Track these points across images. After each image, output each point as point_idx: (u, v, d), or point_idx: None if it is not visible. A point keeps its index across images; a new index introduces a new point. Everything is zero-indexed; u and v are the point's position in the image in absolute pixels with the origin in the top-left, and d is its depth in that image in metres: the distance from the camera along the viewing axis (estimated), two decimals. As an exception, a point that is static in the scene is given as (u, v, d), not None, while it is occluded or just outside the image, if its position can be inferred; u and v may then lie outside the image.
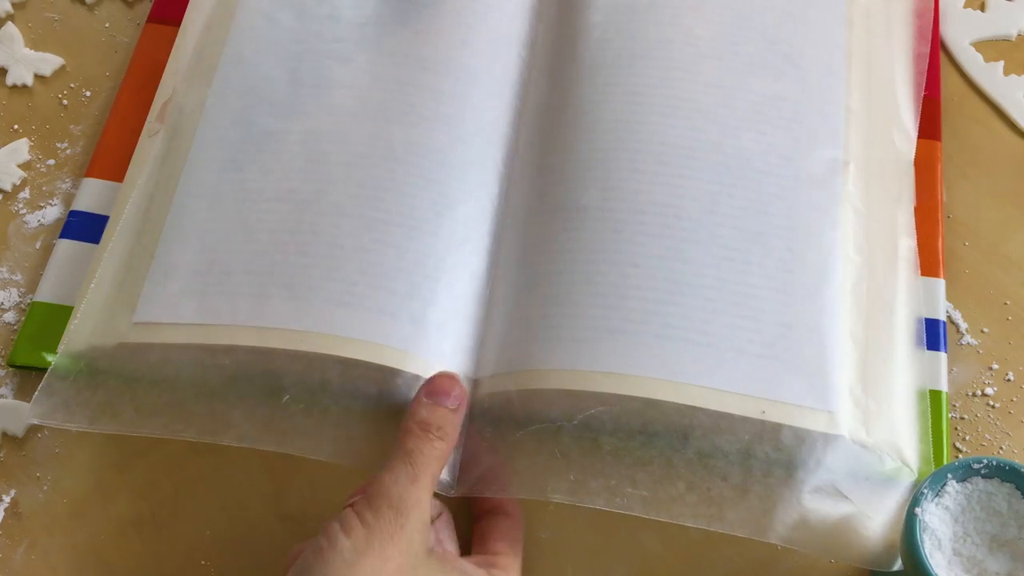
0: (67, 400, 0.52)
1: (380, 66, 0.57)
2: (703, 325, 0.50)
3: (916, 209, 0.56)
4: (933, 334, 0.54)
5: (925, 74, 0.60)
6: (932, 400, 0.52)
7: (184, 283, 0.52)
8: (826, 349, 0.50)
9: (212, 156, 0.56)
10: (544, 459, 0.50)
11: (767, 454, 0.49)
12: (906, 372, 0.52)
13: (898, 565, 0.48)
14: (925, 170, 0.58)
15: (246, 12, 0.60)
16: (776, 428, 0.49)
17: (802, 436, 0.49)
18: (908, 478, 0.50)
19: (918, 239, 0.56)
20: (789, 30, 0.58)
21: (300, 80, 0.57)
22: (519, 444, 0.51)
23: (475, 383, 0.52)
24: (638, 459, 0.50)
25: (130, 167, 0.59)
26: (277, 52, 0.59)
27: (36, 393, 0.52)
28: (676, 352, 0.49)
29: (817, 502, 0.49)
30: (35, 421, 0.52)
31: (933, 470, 0.50)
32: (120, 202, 0.58)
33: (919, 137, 0.58)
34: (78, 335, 0.54)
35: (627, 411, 0.50)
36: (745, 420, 0.48)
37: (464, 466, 0.51)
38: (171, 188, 0.56)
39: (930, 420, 0.52)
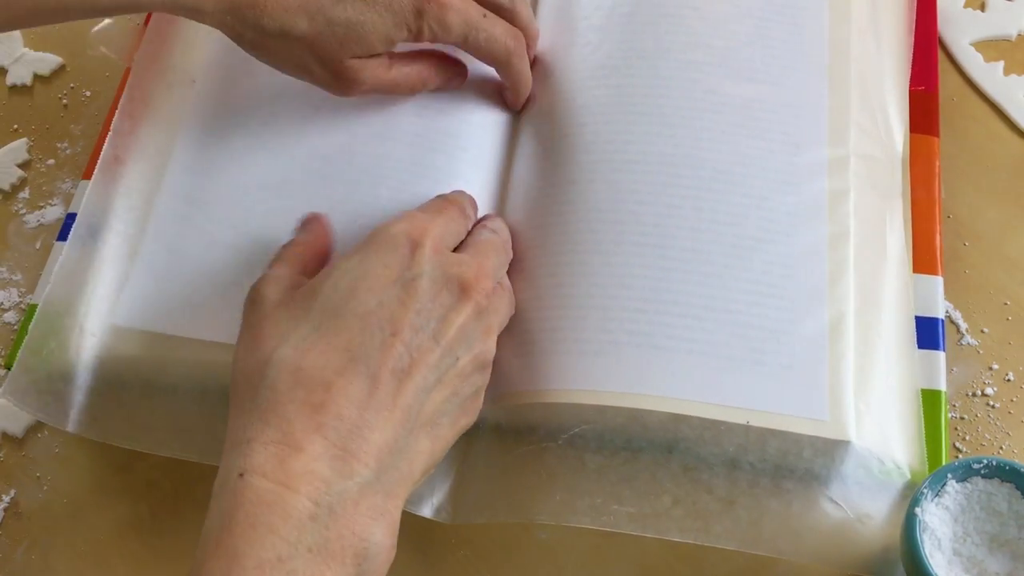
0: (39, 390, 0.52)
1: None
2: (692, 336, 0.50)
3: (913, 205, 0.56)
4: (931, 333, 0.54)
5: (910, 68, 0.60)
6: (931, 400, 0.52)
7: (167, 292, 0.52)
8: (813, 354, 0.50)
9: (195, 161, 0.56)
10: (531, 481, 0.50)
11: (752, 464, 0.49)
12: (899, 372, 0.52)
13: (900, 573, 0.48)
14: (923, 166, 0.58)
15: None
16: (761, 437, 0.48)
17: (788, 444, 0.49)
18: (900, 480, 0.49)
19: (916, 236, 0.55)
20: (769, 34, 0.58)
21: (297, 95, 0.57)
22: (508, 467, 0.51)
23: None
24: (623, 476, 0.50)
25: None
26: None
27: (8, 377, 0.52)
28: (664, 367, 0.49)
29: (806, 510, 0.49)
30: (8, 400, 0.52)
31: (929, 470, 0.50)
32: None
33: (917, 133, 0.58)
34: (52, 327, 0.53)
35: (611, 428, 0.50)
36: (730, 430, 0.48)
37: (458, 491, 0.51)
38: (154, 189, 0.55)
39: (927, 420, 0.51)
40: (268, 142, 0.56)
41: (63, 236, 0.58)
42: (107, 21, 0.60)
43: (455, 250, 0.49)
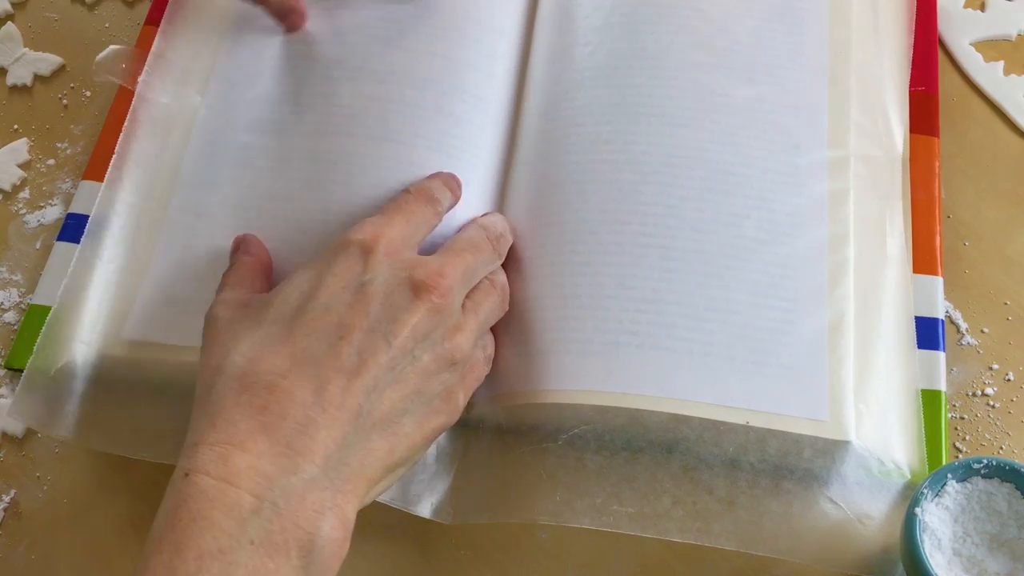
0: (50, 403, 0.53)
1: (373, 85, 0.57)
2: (692, 337, 0.50)
3: (913, 206, 0.56)
4: (931, 333, 0.54)
5: (910, 69, 0.60)
6: (931, 400, 0.52)
7: (176, 304, 0.52)
8: (813, 354, 0.50)
9: (203, 174, 0.56)
10: (531, 481, 0.50)
11: (753, 465, 0.49)
12: (899, 373, 0.52)
13: (900, 574, 0.48)
14: (922, 166, 0.58)
15: (239, 30, 0.60)
16: (761, 437, 0.49)
17: (788, 444, 0.49)
18: (900, 481, 0.49)
19: (916, 236, 0.56)
20: (770, 34, 0.57)
21: (296, 100, 0.57)
22: (508, 467, 0.51)
23: (469, 407, 0.52)
24: (623, 476, 0.50)
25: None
26: (272, 69, 0.59)
27: (17, 390, 0.53)
28: (664, 367, 0.49)
29: (806, 510, 0.49)
30: (17, 418, 0.53)
31: (929, 470, 0.50)
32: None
33: (916, 133, 0.58)
34: (62, 339, 0.54)
35: (611, 428, 0.50)
36: (730, 431, 0.49)
37: (458, 492, 0.51)
38: (164, 202, 0.56)
39: (927, 420, 0.51)
40: (268, 150, 0.56)
41: (63, 236, 0.58)
42: (110, 48, 0.60)
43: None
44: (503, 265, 0.53)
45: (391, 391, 0.44)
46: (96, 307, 0.54)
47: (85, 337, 0.54)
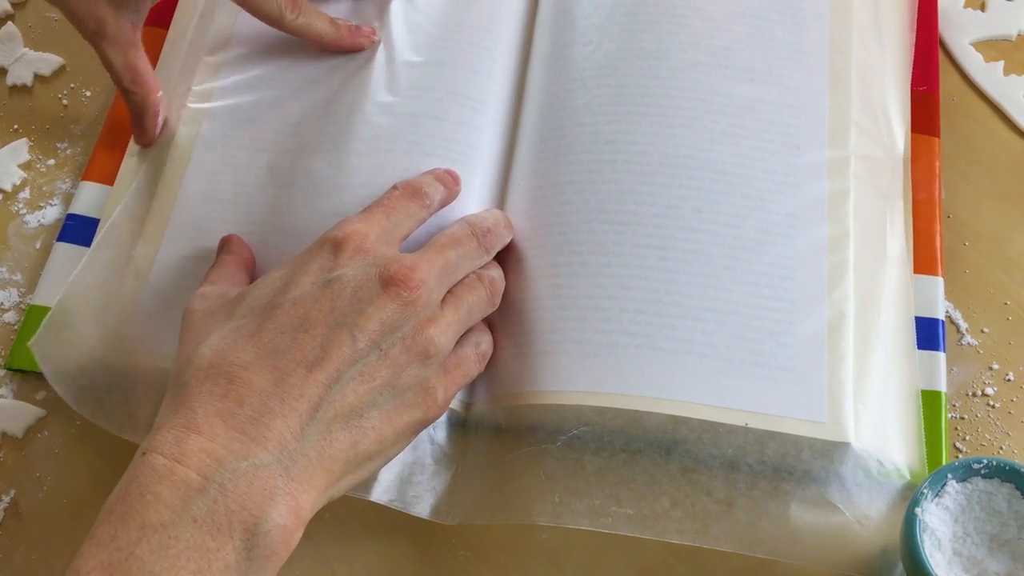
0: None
1: (370, 101, 0.57)
2: (691, 338, 0.50)
3: (914, 206, 0.56)
4: (932, 333, 0.54)
5: (911, 68, 0.60)
6: (931, 401, 0.52)
7: (174, 314, 0.53)
8: (812, 356, 0.50)
9: (204, 189, 0.56)
10: (530, 482, 0.50)
11: (751, 466, 0.49)
12: (899, 373, 0.52)
13: (899, 573, 0.48)
14: (923, 166, 0.58)
15: (241, 53, 0.61)
16: (760, 439, 0.49)
17: (787, 445, 0.49)
18: (900, 482, 0.49)
19: (916, 236, 0.56)
20: (770, 34, 0.57)
21: (298, 120, 0.57)
22: (507, 468, 0.51)
23: (468, 407, 0.52)
24: (622, 477, 0.50)
25: (118, 180, 0.60)
26: (272, 90, 0.59)
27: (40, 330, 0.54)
28: (663, 368, 0.49)
29: (804, 512, 0.49)
30: (32, 347, 0.54)
31: (929, 471, 0.50)
32: (108, 214, 0.58)
33: (917, 133, 0.58)
34: (64, 338, 0.54)
35: (610, 429, 0.50)
36: (729, 432, 0.49)
37: (456, 492, 0.51)
38: (163, 217, 0.56)
39: (927, 421, 0.51)
40: (269, 168, 0.56)
41: (63, 237, 0.58)
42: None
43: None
44: (503, 265, 0.53)
45: (356, 384, 0.45)
46: (96, 314, 0.54)
47: (83, 342, 0.54)
